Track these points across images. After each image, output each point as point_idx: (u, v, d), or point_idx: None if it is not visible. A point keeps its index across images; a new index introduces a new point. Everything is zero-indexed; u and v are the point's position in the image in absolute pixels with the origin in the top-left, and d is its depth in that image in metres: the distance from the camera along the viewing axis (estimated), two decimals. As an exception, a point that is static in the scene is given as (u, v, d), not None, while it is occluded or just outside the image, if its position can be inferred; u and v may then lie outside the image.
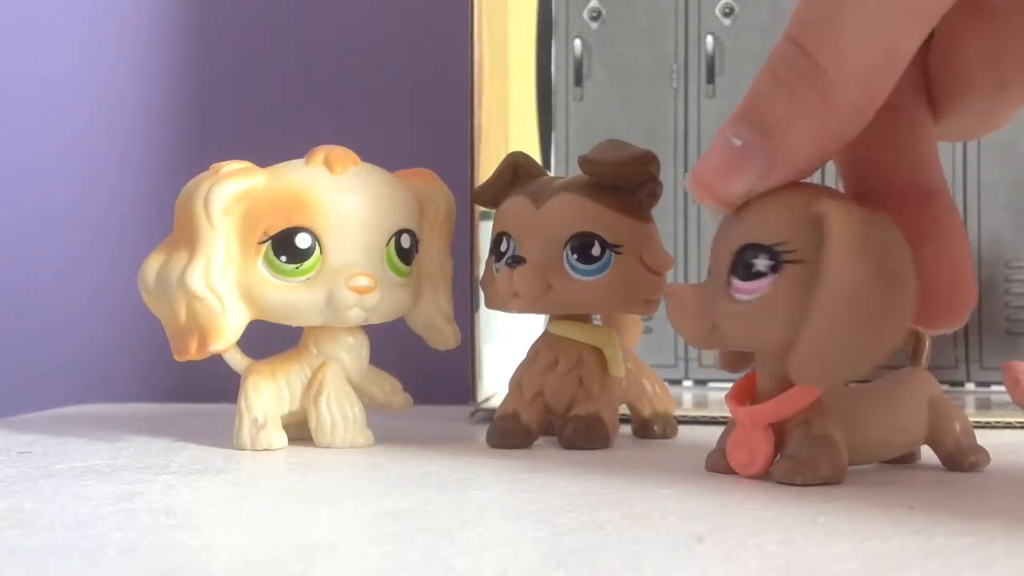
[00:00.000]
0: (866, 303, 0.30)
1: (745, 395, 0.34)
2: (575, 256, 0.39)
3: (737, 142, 0.31)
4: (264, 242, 0.39)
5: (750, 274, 0.31)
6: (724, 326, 0.32)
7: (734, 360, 0.35)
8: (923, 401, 0.35)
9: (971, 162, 0.56)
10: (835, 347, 0.30)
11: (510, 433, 0.41)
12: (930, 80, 0.33)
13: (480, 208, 0.50)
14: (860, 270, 0.30)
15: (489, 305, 0.42)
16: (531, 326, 0.49)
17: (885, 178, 0.32)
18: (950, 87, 0.33)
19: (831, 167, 0.35)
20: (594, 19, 0.58)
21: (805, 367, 0.31)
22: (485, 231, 0.47)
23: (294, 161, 0.40)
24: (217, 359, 0.40)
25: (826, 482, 0.32)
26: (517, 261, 0.39)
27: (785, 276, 0.31)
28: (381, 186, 0.40)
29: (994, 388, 0.56)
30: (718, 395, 0.55)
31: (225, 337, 0.39)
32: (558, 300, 0.40)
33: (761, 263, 0.31)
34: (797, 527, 0.27)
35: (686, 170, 0.58)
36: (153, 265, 0.40)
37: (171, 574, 0.23)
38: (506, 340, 0.52)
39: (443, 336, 0.43)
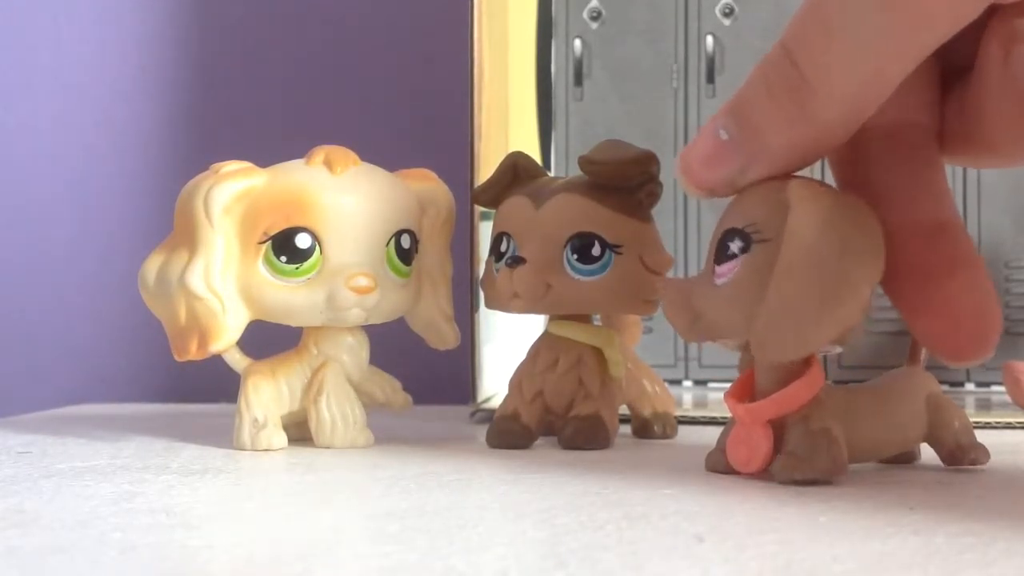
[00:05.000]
0: (823, 278, 0.30)
1: (744, 392, 0.34)
2: (575, 256, 0.39)
3: (724, 135, 0.32)
4: (264, 242, 0.39)
5: (725, 257, 0.32)
6: (707, 313, 0.33)
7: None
8: (921, 399, 0.35)
9: (971, 162, 0.56)
10: (790, 320, 0.31)
11: (510, 433, 0.41)
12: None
13: (480, 208, 0.50)
14: (818, 245, 0.30)
15: (489, 305, 0.42)
16: (531, 326, 0.49)
17: (902, 211, 0.33)
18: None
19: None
20: (594, 19, 0.58)
21: (762, 338, 0.31)
22: (485, 231, 0.47)
23: (294, 161, 0.40)
24: (217, 359, 0.40)
25: (825, 476, 0.32)
26: (517, 261, 0.39)
27: (753, 256, 0.32)
28: (381, 186, 0.40)
29: (994, 388, 0.56)
30: (718, 395, 0.55)
31: (225, 337, 0.39)
32: (558, 300, 0.40)
33: (735, 245, 0.32)
34: (797, 527, 0.27)
35: (686, 170, 0.58)
36: (153, 265, 0.40)
37: (171, 574, 0.23)
38: (506, 340, 0.52)
39: (443, 336, 0.43)
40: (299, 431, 0.41)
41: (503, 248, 0.41)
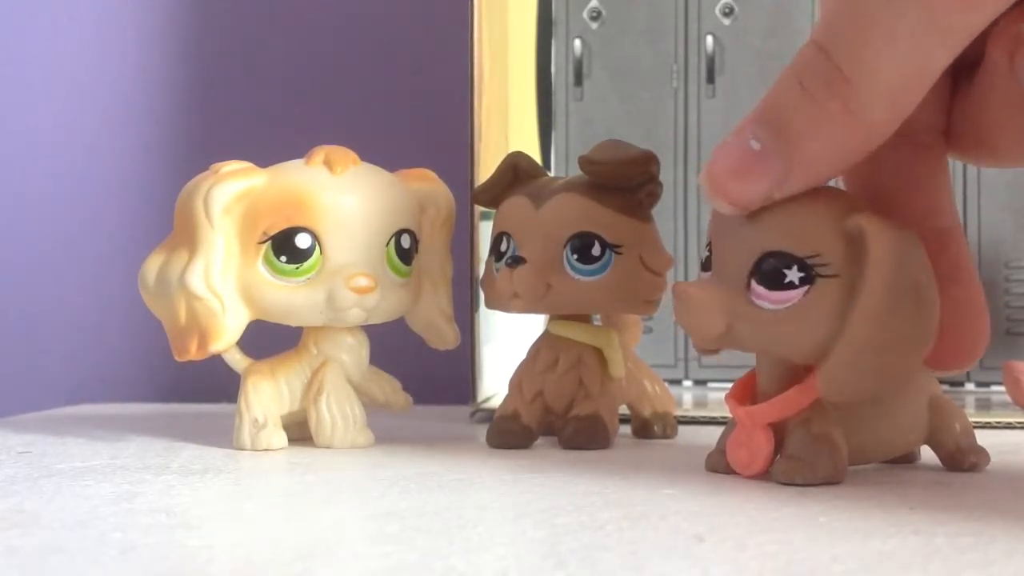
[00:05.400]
0: (901, 320, 0.30)
1: (745, 395, 0.34)
2: (575, 256, 0.39)
3: (756, 145, 0.30)
4: (264, 242, 0.39)
5: (779, 284, 0.31)
6: (742, 330, 0.32)
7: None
8: (923, 401, 0.35)
9: (971, 162, 0.56)
10: (870, 362, 0.30)
11: (510, 433, 0.41)
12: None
13: (480, 208, 0.50)
14: (899, 287, 0.30)
15: (489, 305, 0.42)
16: (531, 326, 0.49)
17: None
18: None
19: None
20: (594, 19, 0.58)
21: (838, 381, 0.31)
22: (485, 231, 0.47)
23: (294, 161, 0.40)
24: (217, 359, 0.40)
25: (826, 482, 0.32)
26: (517, 261, 0.39)
27: (819, 289, 0.31)
28: (381, 186, 0.40)
29: (994, 388, 0.56)
30: (718, 395, 0.55)
31: (225, 337, 0.39)
32: (558, 300, 0.40)
33: (793, 274, 0.31)
34: (797, 527, 0.27)
35: (686, 170, 0.58)
36: (153, 265, 0.40)
37: (171, 574, 0.23)
38: (506, 340, 0.52)
39: (443, 336, 0.43)
40: (299, 431, 0.41)
41: (503, 248, 0.41)
